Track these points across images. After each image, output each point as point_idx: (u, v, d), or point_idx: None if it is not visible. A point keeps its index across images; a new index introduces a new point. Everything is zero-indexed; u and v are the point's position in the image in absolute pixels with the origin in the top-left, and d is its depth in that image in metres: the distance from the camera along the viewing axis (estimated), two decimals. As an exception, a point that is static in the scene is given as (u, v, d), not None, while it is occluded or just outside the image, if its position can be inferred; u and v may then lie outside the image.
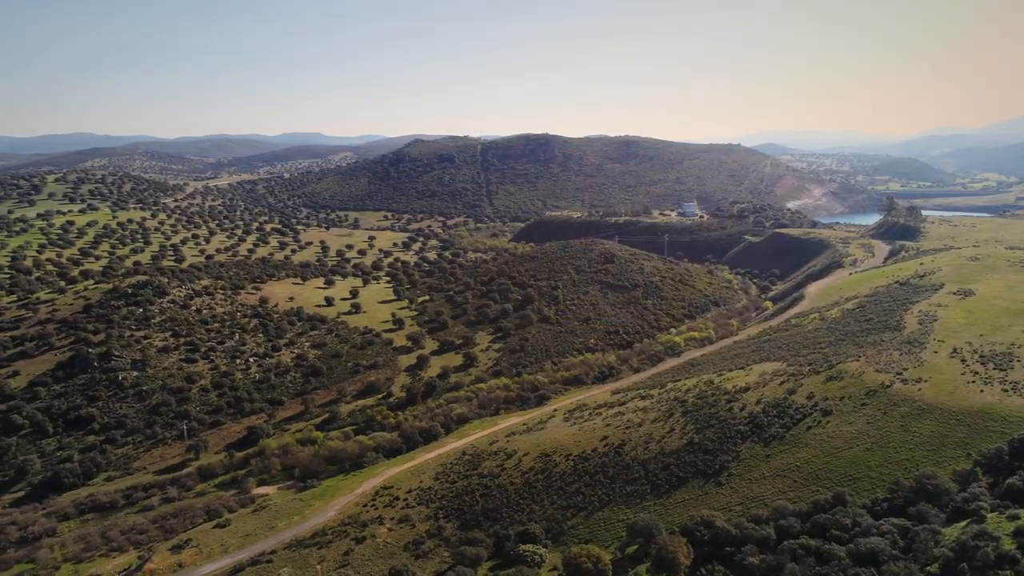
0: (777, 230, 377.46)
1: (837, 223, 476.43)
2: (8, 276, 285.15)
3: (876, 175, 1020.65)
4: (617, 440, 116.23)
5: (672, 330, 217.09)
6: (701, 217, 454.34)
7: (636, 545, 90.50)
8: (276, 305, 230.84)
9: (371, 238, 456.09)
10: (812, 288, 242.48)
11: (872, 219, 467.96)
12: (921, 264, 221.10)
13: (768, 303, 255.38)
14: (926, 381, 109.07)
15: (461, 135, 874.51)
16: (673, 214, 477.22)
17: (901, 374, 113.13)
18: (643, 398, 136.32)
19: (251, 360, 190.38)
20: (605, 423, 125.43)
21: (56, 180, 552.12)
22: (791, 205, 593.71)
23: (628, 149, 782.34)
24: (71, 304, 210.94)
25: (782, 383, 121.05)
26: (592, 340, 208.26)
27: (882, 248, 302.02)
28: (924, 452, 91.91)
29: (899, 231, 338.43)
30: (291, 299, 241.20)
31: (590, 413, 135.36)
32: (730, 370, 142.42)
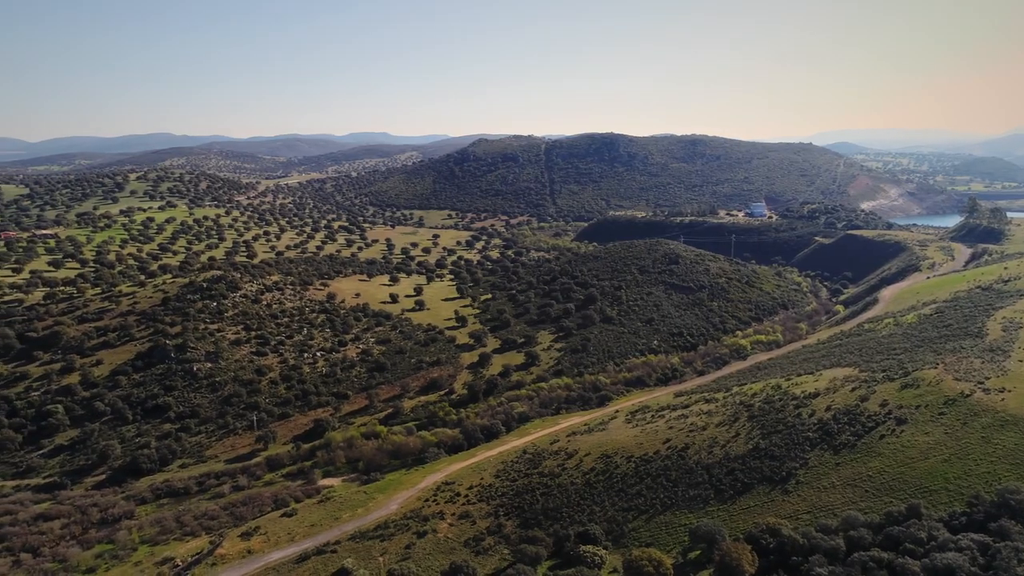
0: (850, 231, 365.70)
1: (914, 225, 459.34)
2: (93, 269, 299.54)
3: (957, 175, 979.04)
4: (680, 443, 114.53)
5: (738, 333, 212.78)
6: (770, 217, 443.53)
7: (699, 550, 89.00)
8: (343, 301, 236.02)
9: (435, 236, 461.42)
10: (887, 292, 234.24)
11: (952, 221, 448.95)
12: (1005, 268, 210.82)
13: (839, 307, 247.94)
14: (1010, 391, 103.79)
15: (525, 134, 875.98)
16: (741, 214, 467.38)
17: (982, 383, 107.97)
18: (707, 401, 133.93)
19: (318, 354, 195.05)
20: (668, 426, 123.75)
21: (137, 178, 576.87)
22: (865, 206, 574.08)
23: (695, 148, 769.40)
24: (150, 297, 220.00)
25: (854, 389, 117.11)
26: (655, 341, 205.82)
27: (963, 251, 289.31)
28: (1007, 465, 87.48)
29: (981, 234, 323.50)
30: (357, 295, 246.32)
31: (653, 415, 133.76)
32: (799, 375, 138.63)
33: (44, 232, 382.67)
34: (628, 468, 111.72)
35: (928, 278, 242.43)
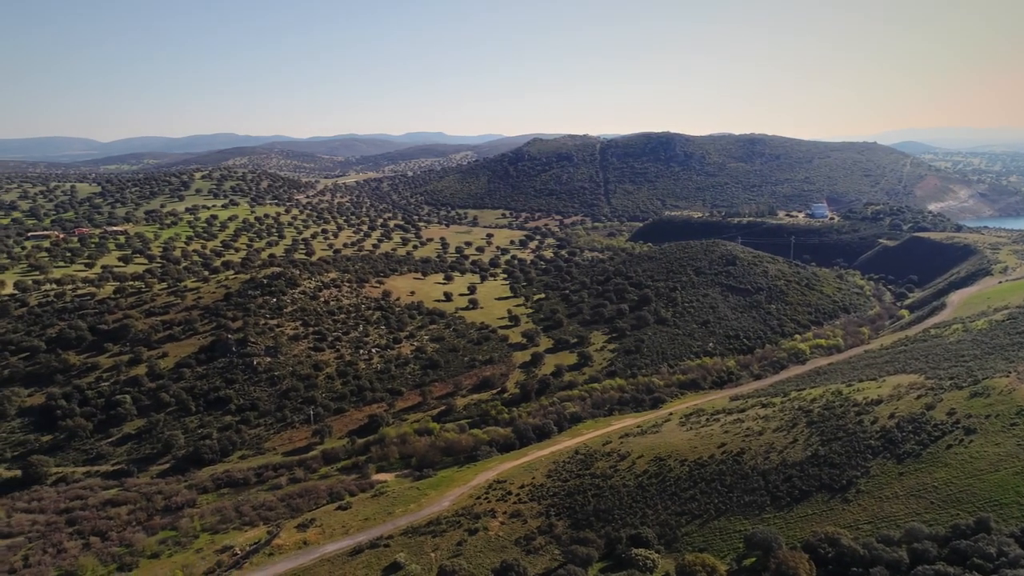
0: (916, 234, 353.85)
1: (985, 227, 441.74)
2: (160, 265, 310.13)
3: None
4: (736, 448, 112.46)
5: (797, 336, 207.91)
6: (831, 219, 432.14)
7: (754, 558, 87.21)
8: (398, 299, 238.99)
9: (489, 236, 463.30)
10: (955, 296, 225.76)
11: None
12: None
13: (904, 311, 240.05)
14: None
15: (580, 134, 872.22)
16: (801, 215, 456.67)
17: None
18: (764, 406, 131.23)
19: (373, 351, 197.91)
20: (723, 430, 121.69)
21: (202, 177, 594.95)
22: (932, 207, 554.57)
23: (753, 147, 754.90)
24: (213, 292, 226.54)
25: (919, 397, 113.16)
26: (710, 344, 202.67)
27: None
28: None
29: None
30: (412, 293, 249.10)
31: (707, 418, 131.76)
32: (860, 381, 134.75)
33: (115, 229, 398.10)
34: (682, 472, 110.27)
35: (1000, 283, 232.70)
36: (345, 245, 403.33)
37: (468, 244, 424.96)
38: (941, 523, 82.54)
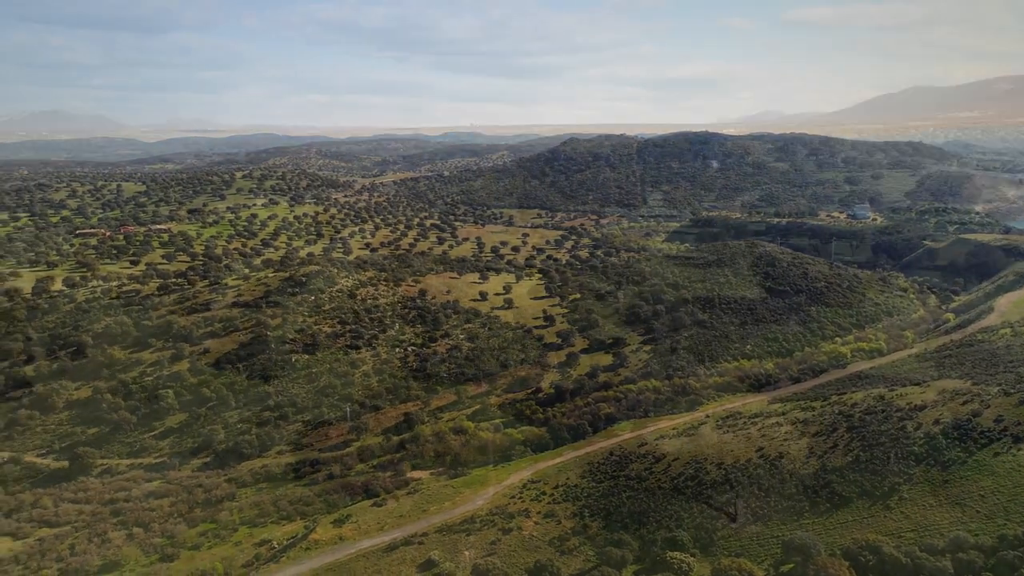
0: (962, 235, 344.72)
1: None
2: (202, 263, 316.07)
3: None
4: (774, 452, 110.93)
5: (837, 339, 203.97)
6: (874, 219, 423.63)
7: (792, 564, 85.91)
8: (434, 298, 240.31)
9: (524, 235, 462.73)
10: (1003, 300, 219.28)
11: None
12: None
13: (949, 315, 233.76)
14: None
15: (617, 133, 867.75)
16: (842, 216, 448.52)
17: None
18: (803, 409, 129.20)
19: (409, 349, 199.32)
20: (761, 433, 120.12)
21: (243, 177, 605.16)
22: (980, 208, 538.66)
23: (793, 147, 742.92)
24: (253, 290, 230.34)
25: (965, 403, 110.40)
26: (748, 346, 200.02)
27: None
28: None
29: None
30: (448, 292, 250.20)
31: (744, 421, 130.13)
32: (903, 385, 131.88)
33: (159, 227, 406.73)
34: (718, 475, 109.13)
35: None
36: (382, 244, 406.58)
37: (503, 243, 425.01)
38: (988, 533, 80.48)
